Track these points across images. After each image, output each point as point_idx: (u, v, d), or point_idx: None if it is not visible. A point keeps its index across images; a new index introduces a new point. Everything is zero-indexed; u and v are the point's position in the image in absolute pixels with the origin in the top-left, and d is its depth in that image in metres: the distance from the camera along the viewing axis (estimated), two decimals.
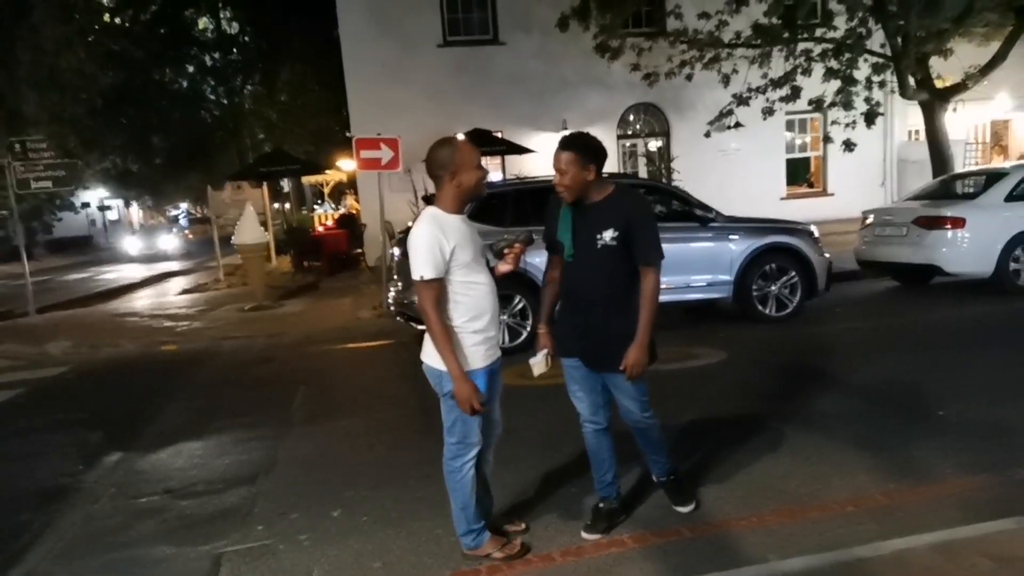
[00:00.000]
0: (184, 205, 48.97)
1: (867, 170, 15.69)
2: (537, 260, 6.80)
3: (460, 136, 3.26)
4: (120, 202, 41.14)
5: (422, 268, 2.74)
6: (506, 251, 3.04)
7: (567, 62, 14.12)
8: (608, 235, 2.93)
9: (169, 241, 30.49)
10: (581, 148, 2.97)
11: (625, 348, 2.96)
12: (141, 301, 13.20)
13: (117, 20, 20.92)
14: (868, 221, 9.13)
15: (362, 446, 4.77)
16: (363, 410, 5.67)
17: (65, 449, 5.18)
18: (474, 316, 2.87)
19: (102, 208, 40.00)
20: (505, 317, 6.84)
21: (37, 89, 12.86)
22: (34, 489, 4.45)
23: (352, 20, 14.01)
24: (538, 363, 3.18)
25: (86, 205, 35.93)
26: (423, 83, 13.99)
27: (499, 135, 13.96)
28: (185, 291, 13.67)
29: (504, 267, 3.07)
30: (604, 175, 3.12)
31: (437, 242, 2.74)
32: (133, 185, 28.76)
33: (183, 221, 50.29)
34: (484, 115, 13.86)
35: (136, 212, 48.14)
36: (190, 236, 34.13)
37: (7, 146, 10.88)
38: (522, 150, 13.64)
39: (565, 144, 3.00)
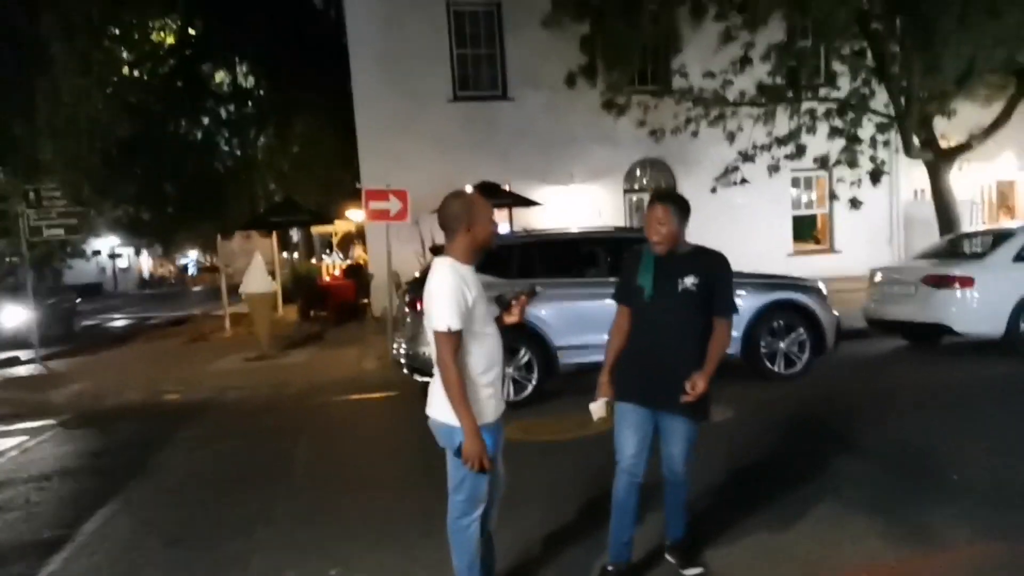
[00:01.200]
0: (193, 253, 49.42)
1: (874, 227, 15.75)
2: (543, 313, 6.91)
3: (469, 188, 3.30)
4: (131, 250, 41.55)
5: (448, 318, 2.69)
6: (513, 303, 3.06)
7: (574, 117, 14.36)
8: (690, 281, 3.08)
9: (13, 315, 13.78)
10: (679, 203, 3.15)
11: None
12: (147, 348, 13.19)
13: (136, 73, 21.49)
14: (876, 279, 9.11)
15: (362, 501, 4.68)
16: (365, 464, 5.59)
17: (64, 499, 5.11)
18: (487, 368, 2.85)
19: (112, 256, 40.42)
20: (511, 370, 6.79)
21: (54, 138, 13.14)
22: (32, 540, 4.37)
23: (365, 76, 14.35)
24: (598, 408, 3.25)
25: (97, 253, 36.37)
26: (433, 137, 14.24)
27: (506, 188, 14.13)
28: (193, 340, 13.67)
29: (510, 319, 3.09)
30: (611, 228, 3.18)
31: (461, 291, 2.72)
32: (144, 233, 28.98)
33: (192, 269, 50.74)
34: (492, 168, 14.04)
35: (146, 260, 48.63)
36: (78, 302, 18.54)
37: (22, 194, 11.06)
38: (529, 203, 13.79)
39: (663, 197, 3.18)
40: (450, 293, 2.71)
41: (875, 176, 11.34)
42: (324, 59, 18.54)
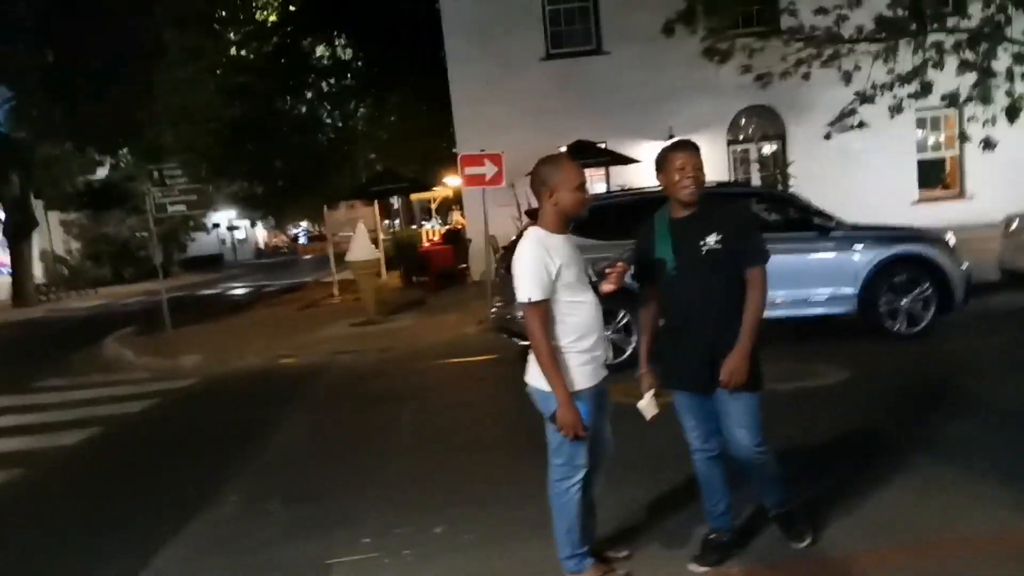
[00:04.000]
0: (304, 224, 51.74)
1: (1010, 170, 14.29)
2: None
3: (563, 150, 3.22)
4: (247, 222, 44.05)
5: (529, 290, 2.71)
6: (608, 271, 2.96)
7: (672, 68, 13.79)
8: (712, 239, 2.83)
9: None
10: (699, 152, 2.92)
11: None
12: (264, 315, 13.97)
13: (243, 53, 22.43)
14: (1012, 227, 8.31)
15: (466, 463, 4.78)
16: (468, 427, 5.69)
17: (193, 457, 5.52)
18: (580, 336, 2.81)
19: (231, 228, 43.03)
20: (609, 332, 6.69)
21: (173, 123, 14.03)
22: (164, 494, 4.74)
23: (457, 40, 14.33)
24: (647, 406, 3.04)
25: (216, 226, 38.89)
26: (526, 98, 14.09)
27: (603, 146, 13.82)
28: (305, 306, 14.36)
29: (607, 287, 2.97)
30: (713, 183, 3.00)
31: (543, 263, 2.71)
32: (258, 206, 30.63)
33: (303, 239, 53.24)
34: (587, 127, 13.77)
35: (261, 231, 51.36)
36: None
37: (147, 174, 11.96)
38: (626, 160, 13.44)
39: (692, 146, 2.92)
40: (531, 265, 2.71)
41: (1012, 113, 10.25)
42: (417, 26, 18.65)
